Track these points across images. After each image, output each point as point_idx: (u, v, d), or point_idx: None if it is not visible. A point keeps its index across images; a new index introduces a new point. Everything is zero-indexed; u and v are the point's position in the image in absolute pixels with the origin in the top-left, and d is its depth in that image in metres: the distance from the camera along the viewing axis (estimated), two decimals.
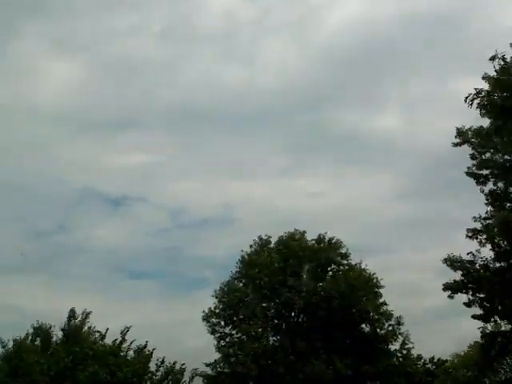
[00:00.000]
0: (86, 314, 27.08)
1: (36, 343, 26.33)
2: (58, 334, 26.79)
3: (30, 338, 26.40)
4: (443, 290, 23.94)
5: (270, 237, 34.92)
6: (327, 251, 34.04)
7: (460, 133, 23.99)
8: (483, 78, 22.72)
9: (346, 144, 64.20)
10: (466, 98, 22.87)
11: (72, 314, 27.06)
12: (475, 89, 22.72)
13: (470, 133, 23.85)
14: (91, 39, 70.05)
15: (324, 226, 51.99)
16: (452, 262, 23.84)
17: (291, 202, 57.42)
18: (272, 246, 34.67)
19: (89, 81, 66.58)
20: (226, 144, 64.99)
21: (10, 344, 25.65)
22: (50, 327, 26.80)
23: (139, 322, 41.96)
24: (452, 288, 23.74)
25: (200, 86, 68.26)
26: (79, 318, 26.97)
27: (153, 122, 66.53)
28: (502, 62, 22.39)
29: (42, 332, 26.47)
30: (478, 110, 22.98)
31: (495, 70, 22.55)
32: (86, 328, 26.99)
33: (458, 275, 23.97)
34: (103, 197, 66.61)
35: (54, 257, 57.83)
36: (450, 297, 23.97)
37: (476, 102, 22.79)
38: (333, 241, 34.46)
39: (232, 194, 60.13)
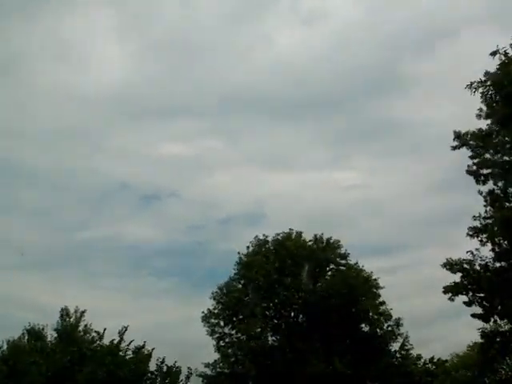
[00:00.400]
0: (81, 313, 26.84)
1: (33, 343, 26.19)
2: (52, 334, 26.68)
3: (26, 338, 26.28)
4: (443, 292, 23.79)
5: (266, 236, 34.91)
6: (325, 251, 33.96)
7: (458, 136, 23.83)
8: (485, 74, 22.40)
9: (394, 134, 62.52)
10: (470, 84, 22.37)
11: (65, 312, 26.80)
12: (480, 79, 22.29)
13: (468, 136, 23.68)
14: (144, 20, 68.88)
15: (350, 222, 52.77)
16: (451, 266, 23.70)
17: (325, 196, 56.82)
18: (269, 246, 34.58)
19: (141, 64, 65.67)
20: (271, 132, 63.53)
21: (5, 346, 25.56)
22: (43, 328, 26.65)
23: (164, 320, 42.95)
24: (452, 290, 23.60)
25: (252, 64, 66.08)
26: (73, 317, 26.75)
27: (199, 109, 64.77)
28: (503, 58, 22.09)
29: (34, 333, 26.31)
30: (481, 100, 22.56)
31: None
32: (81, 327, 26.77)
33: (457, 277, 23.88)
34: (136, 190, 65.09)
35: (77, 253, 56.07)
36: (451, 299, 23.84)
37: (480, 90, 22.32)
38: (331, 241, 34.41)
39: (266, 188, 58.92)
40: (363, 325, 33.26)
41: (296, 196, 58.04)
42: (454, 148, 23.88)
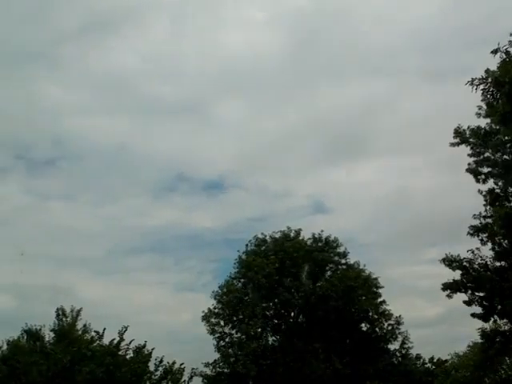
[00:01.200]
0: (77, 312, 26.79)
1: (32, 343, 26.17)
2: (50, 334, 26.63)
3: (25, 338, 26.25)
4: (442, 289, 23.77)
5: (265, 236, 34.89)
6: (324, 251, 33.93)
7: (458, 133, 23.77)
8: (486, 71, 22.28)
9: None
10: (471, 81, 21.99)
11: (61, 312, 26.74)
12: (482, 76, 22.11)
13: (468, 133, 23.63)
14: None
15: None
16: (450, 262, 23.67)
17: (393, 184, 55.71)
18: (268, 245, 34.51)
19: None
20: None
21: (5, 346, 25.57)
22: (40, 328, 26.62)
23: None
24: (451, 287, 23.59)
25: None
26: (70, 317, 26.70)
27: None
28: (504, 56, 21.96)
29: (31, 333, 26.27)
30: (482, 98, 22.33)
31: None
32: (79, 326, 26.74)
33: (457, 274, 23.87)
34: (199, 180, 63.23)
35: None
36: (449, 296, 23.81)
37: (481, 87, 22.08)
38: (330, 239, 34.40)
39: (333, 176, 57.13)
40: (363, 324, 33.28)
41: (365, 184, 56.81)
42: (453, 145, 23.83)
